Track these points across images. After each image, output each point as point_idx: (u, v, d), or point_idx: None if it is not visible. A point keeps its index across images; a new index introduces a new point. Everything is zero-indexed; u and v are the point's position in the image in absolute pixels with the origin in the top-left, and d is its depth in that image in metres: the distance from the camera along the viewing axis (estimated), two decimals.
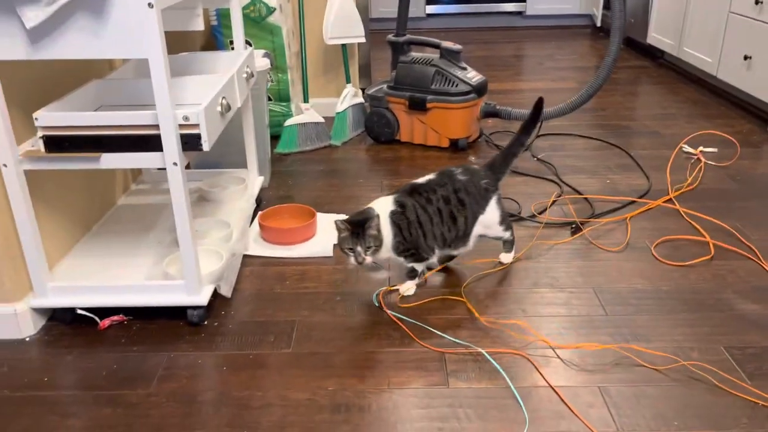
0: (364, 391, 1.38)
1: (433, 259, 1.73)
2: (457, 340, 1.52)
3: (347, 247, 1.57)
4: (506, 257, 1.83)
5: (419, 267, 1.71)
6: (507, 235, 1.79)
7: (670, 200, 2.19)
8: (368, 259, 1.57)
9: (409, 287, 1.71)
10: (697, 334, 1.53)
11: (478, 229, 1.72)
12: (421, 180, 1.70)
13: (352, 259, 1.58)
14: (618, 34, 2.37)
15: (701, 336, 1.52)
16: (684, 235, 1.97)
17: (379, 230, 1.58)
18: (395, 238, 1.62)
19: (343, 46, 2.89)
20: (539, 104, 1.82)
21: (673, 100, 3.31)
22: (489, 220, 1.72)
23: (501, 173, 1.79)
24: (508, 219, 1.79)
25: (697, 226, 2.01)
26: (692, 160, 2.53)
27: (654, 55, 4.17)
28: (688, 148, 2.62)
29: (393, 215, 1.61)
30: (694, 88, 3.50)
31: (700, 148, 2.60)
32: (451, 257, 1.84)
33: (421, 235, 1.64)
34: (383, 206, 1.63)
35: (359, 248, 1.56)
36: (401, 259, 1.68)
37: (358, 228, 1.56)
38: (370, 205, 1.63)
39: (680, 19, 3.59)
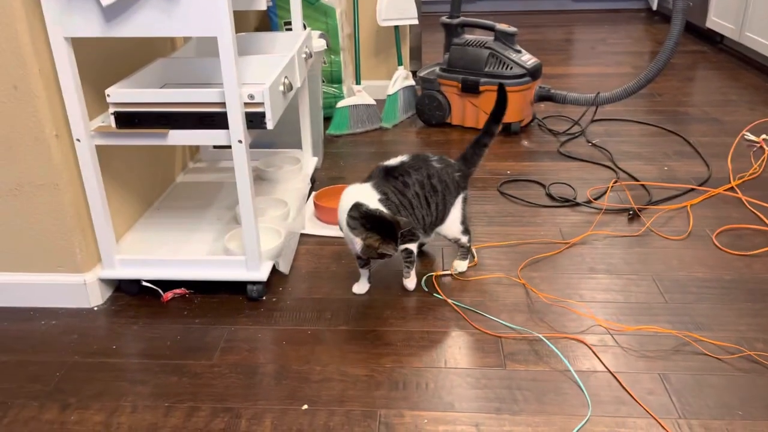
0: (421, 369, 1.40)
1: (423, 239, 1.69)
2: (512, 326, 1.53)
3: (388, 253, 1.51)
4: (461, 265, 1.72)
5: (414, 247, 1.63)
6: (465, 239, 1.70)
7: (731, 188, 2.13)
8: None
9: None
10: (761, 324, 1.50)
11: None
12: (393, 162, 1.64)
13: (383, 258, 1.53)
14: (680, 17, 2.31)
15: (766, 327, 1.49)
16: (747, 224, 1.92)
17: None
18: None
19: (396, 27, 2.89)
20: (502, 90, 1.73)
21: (734, 86, 3.20)
22: (451, 218, 1.67)
23: (473, 166, 1.73)
24: (468, 223, 1.71)
25: (761, 215, 1.96)
26: (755, 148, 2.45)
27: (713, 39, 4.04)
28: (750, 136, 2.54)
29: (382, 202, 1.54)
30: (755, 74, 3.38)
31: (763, 136, 2.52)
32: (422, 243, 1.79)
33: (411, 215, 1.58)
34: (366, 195, 1.54)
35: (392, 248, 1.51)
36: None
37: (395, 235, 1.50)
38: (353, 200, 1.53)
39: (742, 3, 3.46)
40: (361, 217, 1.51)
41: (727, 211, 2.01)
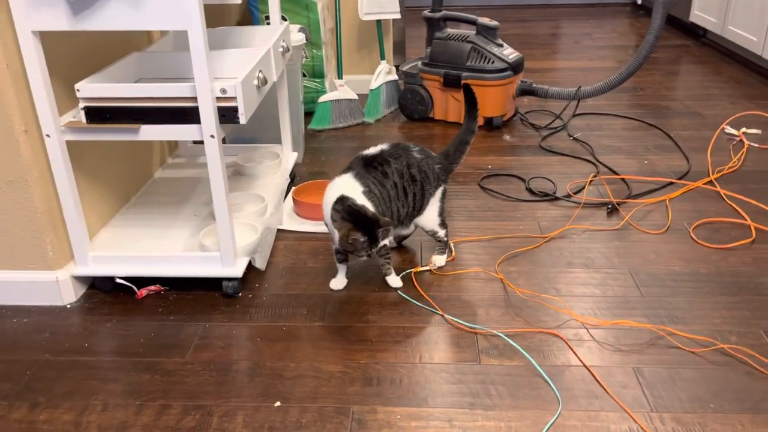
0: (396, 364, 1.39)
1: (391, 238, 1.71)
2: (479, 327, 1.52)
3: (366, 253, 1.51)
4: (439, 260, 1.72)
5: (388, 242, 1.63)
6: (442, 233, 1.71)
7: (710, 182, 2.14)
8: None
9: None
10: (736, 317, 1.50)
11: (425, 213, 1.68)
12: (373, 151, 1.63)
13: (365, 257, 1.53)
14: (661, 10, 2.30)
15: (740, 320, 1.49)
16: (724, 218, 1.92)
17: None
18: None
19: (378, 22, 2.87)
20: (468, 87, 1.75)
21: (716, 80, 3.21)
22: (429, 210, 1.68)
23: (454, 163, 1.74)
24: (445, 217, 1.72)
25: (738, 209, 1.96)
26: (734, 142, 2.46)
27: (696, 33, 4.05)
28: (730, 130, 2.54)
29: (365, 194, 1.53)
30: (737, 68, 3.39)
31: (743, 130, 2.52)
32: (404, 237, 1.82)
33: (387, 209, 1.59)
34: (350, 188, 1.53)
35: (374, 248, 1.51)
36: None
37: (372, 231, 1.48)
38: (339, 193, 1.52)
39: None
40: (343, 210, 1.50)
41: (705, 204, 2.01)
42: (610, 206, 1.99)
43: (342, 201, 1.51)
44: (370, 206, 1.52)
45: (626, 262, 1.72)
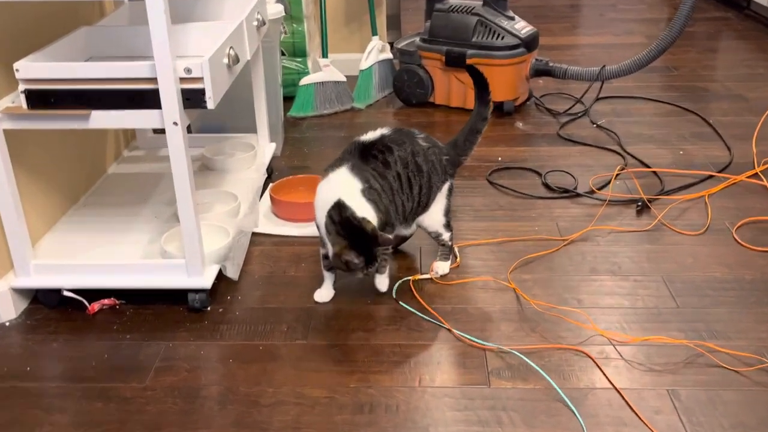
0: (392, 388, 1.39)
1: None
2: (489, 344, 1.52)
3: (362, 273, 1.54)
4: (442, 267, 1.73)
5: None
6: (446, 236, 1.72)
7: (755, 175, 2.15)
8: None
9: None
10: None
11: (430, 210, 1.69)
12: (372, 136, 1.64)
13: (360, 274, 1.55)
14: None
15: None
16: None
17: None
18: (376, 215, 1.53)
19: None
20: (473, 68, 1.76)
21: (762, 57, 3.24)
22: (434, 207, 1.69)
23: (463, 155, 1.76)
24: (451, 218, 1.72)
25: None
26: None
27: (739, 4, 4.08)
28: None
29: (365, 193, 1.53)
30: None
31: None
32: (404, 239, 1.82)
33: (390, 203, 1.58)
34: (347, 187, 1.53)
35: (370, 268, 1.53)
36: None
37: (371, 250, 1.50)
38: (335, 197, 1.51)
39: None
40: (340, 223, 1.50)
41: (750, 201, 2.03)
42: (639, 204, 2.01)
43: (340, 209, 1.50)
44: (370, 211, 1.52)
45: (659, 268, 1.73)
